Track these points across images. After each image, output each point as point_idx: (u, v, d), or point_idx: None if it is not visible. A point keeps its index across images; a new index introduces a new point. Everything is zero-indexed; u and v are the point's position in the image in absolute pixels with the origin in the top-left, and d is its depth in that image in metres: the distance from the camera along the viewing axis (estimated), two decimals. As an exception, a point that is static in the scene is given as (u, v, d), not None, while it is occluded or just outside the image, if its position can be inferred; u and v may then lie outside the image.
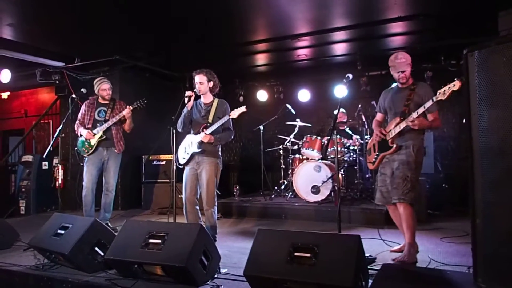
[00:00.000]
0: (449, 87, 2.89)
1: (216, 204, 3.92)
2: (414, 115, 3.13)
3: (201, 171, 3.87)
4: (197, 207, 3.94)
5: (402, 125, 3.23)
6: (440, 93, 2.95)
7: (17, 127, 9.17)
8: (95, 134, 4.70)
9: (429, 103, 3.05)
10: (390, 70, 3.39)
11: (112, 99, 4.91)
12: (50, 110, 7.58)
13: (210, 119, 3.90)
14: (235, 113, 3.77)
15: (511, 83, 2.12)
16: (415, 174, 3.24)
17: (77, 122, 4.84)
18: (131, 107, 4.72)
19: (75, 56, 6.31)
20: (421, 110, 3.11)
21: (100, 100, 4.88)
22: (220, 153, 4.01)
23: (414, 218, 3.26)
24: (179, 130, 4.02)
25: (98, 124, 4.76)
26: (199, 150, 3.84)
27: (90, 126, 4.77)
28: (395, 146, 3.31)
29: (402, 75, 3.30)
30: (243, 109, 3.77)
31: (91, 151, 4.71)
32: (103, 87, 4.80)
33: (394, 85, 3.53)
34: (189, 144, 3.96)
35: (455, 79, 2.86)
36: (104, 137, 4.74)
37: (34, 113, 8.86)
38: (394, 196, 3.26)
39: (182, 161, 4.00)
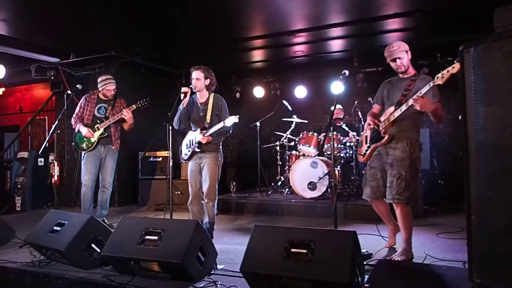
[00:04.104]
0: (447, 71, 2.72)
1: (216, 198, 3.96)
2: (418, 94, 2.90)
3: (203, 165, 3.94)
4: (203, 202, 3.99)
5: (396, 114, 3.09)
6: (438, 77, 2.78)
7: (12, 123, 9.11)
8: (95, 131, 4.67)
9: (426, 88, 2.86)
10: (389, 62, 3.24)
11: (113, 97, 4.87)
12: (46, 106, 7.53)
13: (208, 118, 3.93)
14: (229, 122, 3.77)
15: (507, 79, 2.12)
16: (409, 171, 3.10)
17: (75, 116, 4.77)
18: (131, 109, 4.66)
19: (70, 51, 6.27)
20: (423, 91, 2.88)
21: (101, 96, 4.83)
22: (221, 147, 4.05)
23: (410, 218, 3.18)
24: (176, 127, 4.04)
25: (98, 121, 4.72)
26: (199, 150, 3.91)
27: (89, 122, 4.73)
28: (387, 136, 3.17)
29: (399, 63, 3.16)
30: (235, 119, 3.76)
31: (91, 148, 4.68)
32: (108, 88, 4.75)
33: (395, 76, 3.36)
34: (191, 141, 4.00)
35: (455, 61, 2.65)
36: (105, 134, 4.72)
37: (30, 109, 8.80)
38: (388, 195, 3.16)
39: (185, 157, 4.08)
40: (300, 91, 7.31)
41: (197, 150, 3.91)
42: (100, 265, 3.07)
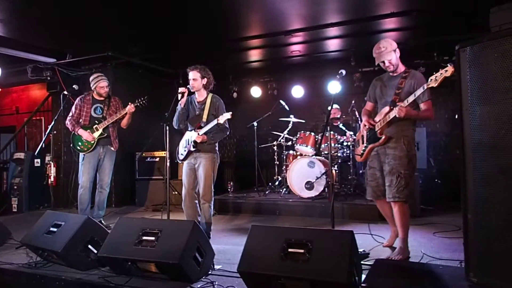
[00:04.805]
0: (441, 73, 2.76)
1: (212, 199, 3.95)
2: (405, 103, 3.00)
3: (198, 165, 3.92)
4: (197, 202, 3.99)
5: (392, 115, 3.11)
6: (431, 79, 2.82)
7: (8, 124, 9.08)
8: (94, 132, 4.65)
9: (420, 90, 2.92)
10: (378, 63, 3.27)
11: (107, 96, 4.86)
12: (42, 107, 7.51)
13: (204, 118, 3.92)
14: (222, 119, 3.79)
15: (503, 79, 2.13)
16: (408, 169, 3.14)
17: (70, 118, 4.74)
18: (133, 104, 4.65)
19: (66, 52, 6.25)
20: (411, 98, 2.98)
21: (95, 96, 4.81)
22: (217, 148, 4.04)
23: (408, 216, 3.22)
24: (175, 127, 4.04)
25: (96, 121, 4.70)
26: (194, 149, 3.90)
27: (86, 123, 4.71)
28: (384, 137, 3.20)
29: (388, 64, 3.20)
30: (228, 115, 3.80)
31: (90, 149, 4.66)
32: (101, 85, 4.72)
33: (386, 73, 3.39)
34: (187, 141, 3.99)
35: (448, 64, 2.72)
36: (105, 134, 4.70)
37: (26, 110, 8.77)
38: (388, 194, 3.18)
39: (180, 157, 4.07)
40: (297, 91, 7.31)
41: (192, 149, 3.89)
42: (97, 266, 3.05)
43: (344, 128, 6.05)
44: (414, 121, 3.29)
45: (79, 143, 4.69)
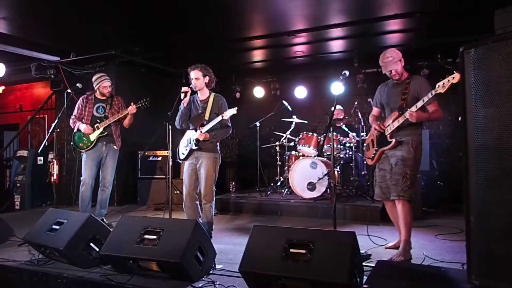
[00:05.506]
0: (448, 80, 2.88)
1: (214, 198, 3.94)
2: (413, 108, 3.12)
3: (199, 165, 3.91)
4: (197, 202, 3.97)
5: (401, 120, 3.23)
6: (439, 85, 2.94)
7: (12, 122, 9.11)
8: (94, 130, 4.67)
9: (428, 97, 3.05)
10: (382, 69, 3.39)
11: (110, 95, 4.88)
12: (45, 105, 7.53)
13: (206, 116, 3.92)
14: (227, 114, 3.82)
15: (507, 81, 2.12)
16: (414, 171, 3.24)
17: (73, 117, 4.77)
18: (135, 105, 4.66)
19: (70, 50, 6.26)
20: (420, 103, 3.10)
21: (98, 96, 4.83)
22: (218, 148, 4.02)
23: (411, 215, 3.27)
24: (178, 127, 4.04)
25: (98, 120, 4.72)
26: (196, 147, 3.89)
27: (88, 122, 4.73)
28: (394, 141, 3.30)
29: (394, 73, 3.31)
30: (234, 111, 3.83)
31: (90, 147, 4.68)
32: (104, 85, 4.75)
33: (390, 80, 3.50)
34: (188, 140, 3.98)
35: (454, 71, 2.82)
36: (105, 133, 4.72)
37: (29, 107, 8.81)
38: (393, 192, 3.26)
39: (182, 156, 4.05)
40: (300, 92, 7.31)
41: (194, 147, 3.88)
42: (98, 264, 3.06)
43: (346, 129, 6.05)
44: (421, 126, 3.39)
45: (79, 142, 4.72)
